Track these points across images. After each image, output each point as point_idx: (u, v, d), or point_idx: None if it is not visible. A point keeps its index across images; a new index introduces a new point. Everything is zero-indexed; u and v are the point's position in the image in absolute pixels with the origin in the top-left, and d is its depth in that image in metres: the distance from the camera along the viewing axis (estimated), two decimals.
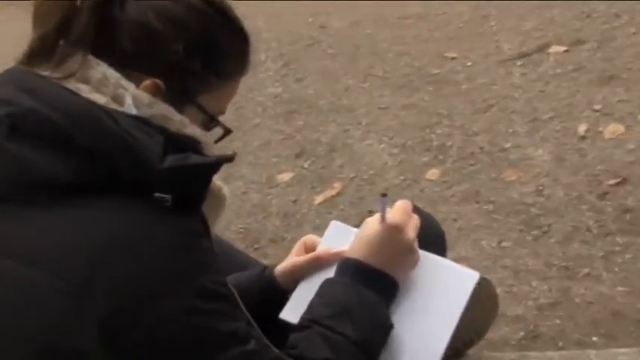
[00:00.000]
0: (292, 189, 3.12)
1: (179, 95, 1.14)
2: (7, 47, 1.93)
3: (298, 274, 1.46)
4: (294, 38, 4.38)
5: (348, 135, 3.33)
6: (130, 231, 1.05)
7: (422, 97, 3.40)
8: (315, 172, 3.17)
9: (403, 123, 3.26)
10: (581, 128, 2.87)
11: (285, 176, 3.21)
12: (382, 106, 3.45)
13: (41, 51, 1.10)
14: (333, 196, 2.98)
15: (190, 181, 1.09)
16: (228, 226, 2.97)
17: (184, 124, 1.13)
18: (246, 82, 3.84)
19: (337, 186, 3.03)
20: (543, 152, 2.80)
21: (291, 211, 2.98)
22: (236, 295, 1.18)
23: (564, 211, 2.50)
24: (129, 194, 1.05)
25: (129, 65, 1.11)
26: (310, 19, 4.54)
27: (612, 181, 2.57)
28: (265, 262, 2.48)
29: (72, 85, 1.08)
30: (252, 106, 3.83)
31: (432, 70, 3.56)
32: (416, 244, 1.35)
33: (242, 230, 2.94)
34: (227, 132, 1.24)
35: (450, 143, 3.04)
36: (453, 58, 3.59)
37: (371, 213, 2.74)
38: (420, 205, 2.76)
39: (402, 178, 2.94)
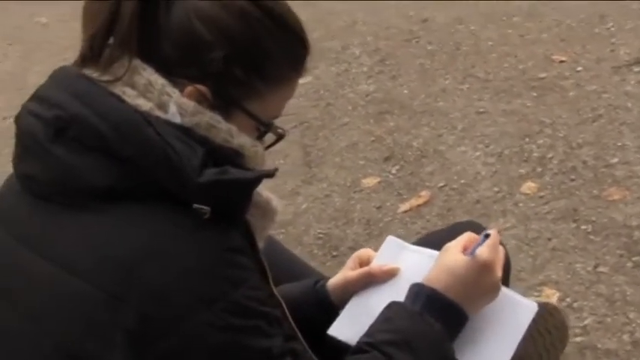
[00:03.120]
0: (377, 195, 3.14)
1: (225, 102, 1.18)
2: None
3: (350, 289, 1.50)
4: (392, 32, 4.40)
5: (441, 140, 3.34)
6: (165, 243, 1.10)
7: (524, 103, 3.39)
8: (403, 179, 3.19)
9: (502, 130, 3.26)
10: None
11: (371, 181, 3.24)
12: (480, 110, 3.45)
13: (90, 53, 1.16)
14: (419, 205, 3.00)
15: (228, 195, 1.13)
16: (308, 230, 3.05)
17: (232, 133, 1.17)
18: (337, 78, 3.90)
19: (425, 194, 3.04)
20: None
21: (375, 218, 3.01)
22: (284, 307, 1.23)
23: None
24: (169, 203, 1.11)
25: (173, 71, 1.15)
26: (412, 13, 4.56)
27: None
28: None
29: (119, 89, 1.14)
30: (342, 103, 3.88)
31: (538, 74, 3.54)
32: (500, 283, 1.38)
33: (322, 236, 2.99)
34: (280, 137, 1.27)
35: (550, 155, 3.02)
36: (561, 62, 3.56)
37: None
38: (512, 221, 2.76)
39: (495, 189, 2.94)
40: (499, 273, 1.36)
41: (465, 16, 4.29)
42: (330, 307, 1.52)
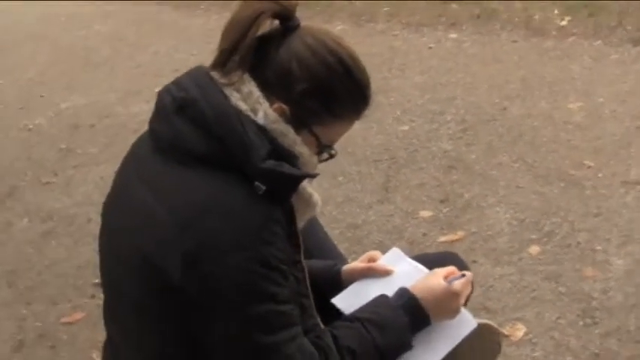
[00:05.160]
0: (427, 225, 3.28)
1: (298, 121, 1.24)
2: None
3: (356, 276, 1.59)
4: (478, 111, 4.44)
5: (485, 199, 3.43)
6: (228, 201, 1.17)
7: (552, 189, 3.41)
8: (449, 218, 3.31)
9: (529, 204, 3.31)
10: None
11: (426, 214, 3.38)
12: (520, 185, 3.49)
13: (219, 61, 1.25)
14: (453, 240, 3.13)
15: (279, 182, 1.18)
16: (369, 236, 3.23)
17: (296, 142, 1.23)
18: (428, 133, 4.05)
19: (460, 234, 3.16)
20: (623, 263, 2.81)
21: (418, 240, 3.17)
22: (306, 273, 1.33)
23: (617, 313, 2.53)
24: (239, 175, 1.18)
25: (268, 89, 1.23)
26: (497, 100, 4.60)
27: None
28: None
29: (228, 91, 1.22)
30: (426, 153, 4.01)
31: (569, 171, 3.55)
32: (461, 308, 1.44)
33: (377, 242, 3.18)
34: (331, 156, 1.33)
35: (557, 231, 3.07)
36: (589, 167, 3.56)
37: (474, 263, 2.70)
38: (513, 270, 2.89)
39: (509, 244, 3.04)
40: (462, 301, 1.42)
41: (534, 113, 4.29)
42: (339, 284, 1.58)
